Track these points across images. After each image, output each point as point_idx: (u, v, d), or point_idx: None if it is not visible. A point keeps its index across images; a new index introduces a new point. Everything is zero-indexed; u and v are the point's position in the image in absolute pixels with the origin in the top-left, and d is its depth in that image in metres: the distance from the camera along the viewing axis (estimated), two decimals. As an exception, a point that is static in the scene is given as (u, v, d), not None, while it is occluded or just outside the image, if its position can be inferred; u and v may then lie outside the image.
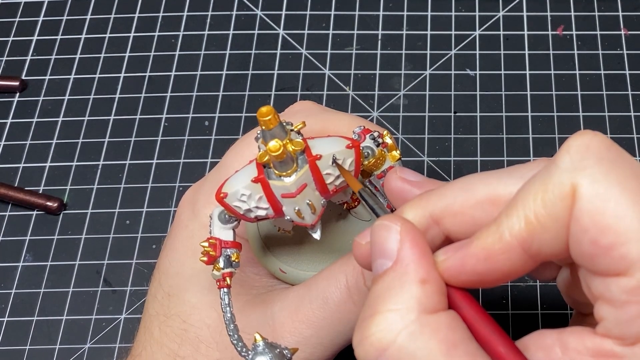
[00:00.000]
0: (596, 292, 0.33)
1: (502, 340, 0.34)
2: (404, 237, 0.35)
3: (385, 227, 0.35)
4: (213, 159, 0.64)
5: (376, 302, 0.34)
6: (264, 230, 0.47)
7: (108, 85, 0.68)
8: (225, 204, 0.40)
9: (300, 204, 0.40)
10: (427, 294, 0.34)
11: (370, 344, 0.33)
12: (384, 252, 0.35)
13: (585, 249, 0.32)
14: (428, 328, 0.33)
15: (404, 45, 0.69)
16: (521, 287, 0.60)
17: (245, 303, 0.46)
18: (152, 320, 0.48)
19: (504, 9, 0.71)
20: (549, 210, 0.33)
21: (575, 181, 0.32)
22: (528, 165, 0.37)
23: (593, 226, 0.32)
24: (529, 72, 0.68)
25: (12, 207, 0.63)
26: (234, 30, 0.70)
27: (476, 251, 0.34)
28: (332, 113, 0.51)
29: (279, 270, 0.46)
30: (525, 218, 0.33)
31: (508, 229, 0.33)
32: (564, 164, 0.33)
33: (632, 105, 0.65)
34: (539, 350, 0.35)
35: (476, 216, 0.36)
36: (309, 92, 0.67)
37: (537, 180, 0.34)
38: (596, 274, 0.33)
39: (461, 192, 0.37)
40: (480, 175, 0.38)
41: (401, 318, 0.33)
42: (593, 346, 0.33)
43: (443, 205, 0.37)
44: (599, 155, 0.33)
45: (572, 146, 0.34)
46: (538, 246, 0.33)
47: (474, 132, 0.65)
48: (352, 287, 0.44)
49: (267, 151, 0.38)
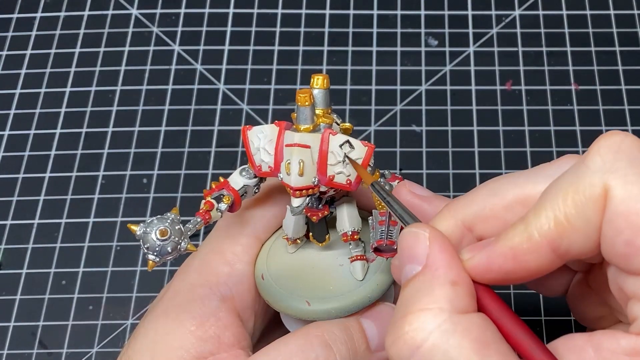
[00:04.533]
0: (629, 291, 0.39)
1: (533, 342, 0.40)
2: (433, 242, 0.41)
3: (414, 234, 0.42)
4: (152, 217, 0.74)
5: (408, 304, 0.40)
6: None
7: (43, 141, 0.79)
8: (246, 136, 0.51)
9: (293, 158, 0.50)
10: (458, 295, 0.40)
11: (404, 342, 0.39)
12: (413, 257, 0.41)
13: (619, 250, 0.38)
14: (460, 327, 0.38)
15: (348, 101, 0.80)
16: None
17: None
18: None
19: (450, 63, 0.82)
20: (579, 211, 0.38)
21: (607, 182, 0.38)
22: (555, 163, 0.44)
23: (627, 227, 0.37)
24: (476, 128, 0.78)
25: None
26: (173, 85, 0.81)
27: (503, 250, 0.41)
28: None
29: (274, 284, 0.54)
30: (555, 218, 0.39)
31: (537, 229, 0.39)
32: (595, 165, 0.39)
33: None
34: (570, 352, 0.40)
35: (507, 218, 0.43)
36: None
37: (566, 181, 0.40)
38: (630, 274, 0.39)
39: (489, 196, 0.44)
40: (507, 177, 0.45)
41: (434, 317, 0.39)
42: (628, 345, 0.39)
43: (473, 211, 0.44)
44: (630, 156, 0.39)
45: (602, 147, 0.39)
46: (567, 246, 0.39)
47: (420, 189, 0.76)
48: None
49: (297, 93, 0.49)
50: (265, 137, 0.51)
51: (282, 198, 0.56)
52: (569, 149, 0.78)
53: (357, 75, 0.83)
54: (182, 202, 0.76)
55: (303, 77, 0.82)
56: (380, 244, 0.50)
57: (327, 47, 0.85)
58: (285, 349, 0.50)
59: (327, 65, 0.83)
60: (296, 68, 0.83)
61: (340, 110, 0.80)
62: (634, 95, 0.81)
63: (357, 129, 0.79)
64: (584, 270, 0.48)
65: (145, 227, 0.48)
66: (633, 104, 0.80)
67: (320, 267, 0.55)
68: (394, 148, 0.79)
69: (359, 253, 0.54)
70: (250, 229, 0.55)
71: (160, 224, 0.47)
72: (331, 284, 0.54)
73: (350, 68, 0.83)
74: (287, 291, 0.53)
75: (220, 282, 0.53)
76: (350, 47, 0.85)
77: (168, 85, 0.82)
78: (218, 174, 0.76)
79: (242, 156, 0.78)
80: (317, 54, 0.84)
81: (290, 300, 0.53)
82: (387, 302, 0.55)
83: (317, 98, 0.51)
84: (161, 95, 0.82)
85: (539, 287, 0.51)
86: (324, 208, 0.53)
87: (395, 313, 0.41)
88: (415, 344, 0.39)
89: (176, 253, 0.48)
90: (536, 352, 0.40)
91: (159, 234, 0.47)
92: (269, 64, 0.84)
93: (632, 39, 0.84)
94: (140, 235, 0.47)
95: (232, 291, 0.53)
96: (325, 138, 0.50)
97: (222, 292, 0.53)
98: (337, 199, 0.55)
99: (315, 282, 0.54)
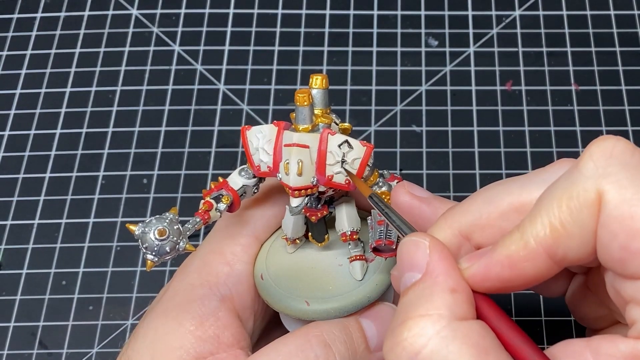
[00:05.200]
0: (627, 295, 0.39)
1: (532, 350, 0.40)
2: (433, 251, 0.41)
3: (414, 242, 0.42)
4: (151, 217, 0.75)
5: (407, 310, 0.40)
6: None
7: (44, 141, 0.79)
8: (245, 136, 0.52)
9: (292, 157, 0.50)
10: (457, 302, 0.40)
11: (403, 348, 0.39)
12: (412, 265, 0.42)
13: (615, 254, 0.38)
14: (460, 334, 0.39)
15: (348, 101, 0.81)
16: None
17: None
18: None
19: (450, 64, 0.82)
20: (574, 217, 0.38)
21: (600, 187, 0.38)
22: (549, 168, 0.44)
23: (622, 231, 0.37)
24: (476, 129, 0.79)
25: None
26: (173, 85, 0.82)
27: (500, 258, 0.41)
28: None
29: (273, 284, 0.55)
30: (550, 225, 0.39)
31: (533, 236, 0.40)
32: (588, 171, 0.39)
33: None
34: (568, 358, 0.40)
35: (504, 226, 0.43)
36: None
37: (560, 187, 0.40)
38: (627, 278, 0.39)
39: (485, 205, 0.44)
40: (501, 184, 0.45)
41: (433, 323, 0.39)
42: (627, 349, 0.39)
43: (469, 220, 0.44)
44: (623, 161, 0.39)
45: (594, 152, 0.40)
46: (564, 252, 0.39)
47: (421, 190, 0.76)
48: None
49: (296, 93, 0.50)
50: (264, 137, 0.52)
51: (281, 198, 0.56)
52: (569, 149, 0.78)
53: (357, 75, 0.83)
54: (182, 202, 0.76)
55: (303, 77, 0.83)
56: (379, 243, 0.50)
57: (327, 48, 0.85)
58: (284, 349, 0.50)
59: (327, 66, 0.84)
60: (296, 68, 0.84)
61: (340, 111, 0.81)
62: (634, 96, 0.81)
63: (357, 129, 0.79)
64: (582, 271, 0.48)
65: (143, 227, 0.48)
66: (633, 104, 0.80)
67: (320, 267, 0.56)
68: (394, 148, 0.79)
69: (358, 253, 0.54)
70: (249, 229, 0.56)
71: (159, 223, 0.48)
72: (330, 284, 0.54)
73: (350, 68, 0.84)
74: (286, 291, 0.54)
75: (220, 282, 0.53)
76: (350, 47, 0.85)
77: (168, 86, 0.83)
78: (218, 174, 0.76)
79: (242, 156, 0.78)
80: (317, 54, 0.84)
81: (289, 300, 0.53)
82: (387, 302, 0.55)
83: (316, 98, 0.52)
84: (161, 95, 0.82)
85: (539, 288, 0.51)
86: (322, 208, 0.54)
87: (394, 319, 0.41)
88: (414, 350, 0.39)
89: (175, 253, 0.48)
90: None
91: (158, 233, 0.47)
92: (269, 64, 0.84)
93: (632, 39, 0.84)
94: (138, 235, 0.48)
95: (232, 291, 0.53)
96: (324, 138, 0.50)
97: (221, 292, 0.53)
98: (336, 199, 0.55)
99: (315, 282, 0.54)
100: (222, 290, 0.53)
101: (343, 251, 0.55)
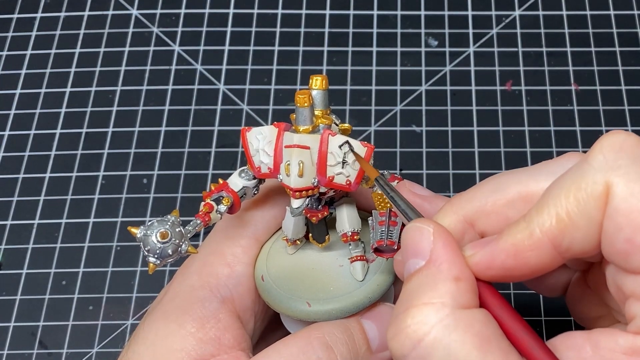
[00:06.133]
0: (628, 290, 0.40)
1: (533, 340, 0.40)
2: (437, 238, 0.42)
3: (418, 228, 0.43)
4: (152, 218, 0.71)
5: (410, 297, 0.41)
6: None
7: (44, 141, 0.79)
8: (245, 137, 0.52)
9: (293, 159, 0.50)
10: (460, 290, 0.40)
11: (406, 335, 0.39)
12: (417, 252, 0.42)
13: (619, 247, 0.38)
14: (462, 322, 0.39)
15: (348, 101, 0.81)
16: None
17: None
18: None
19: (450, 64, 0.82)
20: (581, 208, 0.39)
21: (609, 180, 0.38)
22: (558, 160, 0.45)
23: (628, 224, 0.38)
24: (476, 129, 0.79)
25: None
26: (173, 85, 0.82)
27: (505, 247, 0.41)
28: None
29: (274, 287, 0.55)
30: (557, 215, 0.39)
31: (539, 226, 0.40)
32: (597, 163, 0.39)
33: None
34: (568, 350, 0.41)
35: (509, 214, 0.43)
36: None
37: (569, 178, 0.40)
38: (629, 272, 0.39)
39: (492, 192, 0.44)
40: (509, 173, 0.45)
41: (436, 311, 0.39)
42: (626, 344, 0.39)
43: (475, 207, 0.45)
44: (632, 155, 0.39)
45: (604, 145, 0.40)
46: (569, 243, 0.40)
47: (420, 189, 0.76)
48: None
49: (296, 94, 0.50)
50: (265, 139, 0.51)
51: (281, 199, 0.56)
52: (569, 149, 0.78)
53: (357, 75, 0.83)
54: (182, 203, 0.76)
55: (303, 77, 0.83)
56: (380, 244, 0.50)
57: (327, 48, 0.85)
58: (285, 351, 0.50)
59: (327, 66, 0.84)
60: (296, 68, 0.84)
61: (340, 111, 0.81)
62: (634, 96, 0.81)
63: (357, 129, 0.79)
64: (582, 269, 0.48)
65: (145, 230, 0.48)
66: (633, 104, 0.81)
67: (320, 268, 0.56)
68: (394, 148, 0.79)
69: (359, 254, 0.54)
70: (249, 231, 0.56)
71: (161, 226, 0.47)
72: (331, 285, 0.54)
73: (350, 68, 0.84)
74: (287, 292, 0.54)
75: (220, 283, 0.53)
76: (350, 47, 0.85)
77: (168, 86, 0.83)
78: (218, 174, 0.76)
79: (242, 156, 0.78)
80: (317, 54, 0.84)
81: (290, 302, 0.53)
82: (388, 302, 0.55)
83: (316, 99, 0.52)
84: (161, 95, 0.82)
85: (539, 287, 0.51)
86: (323, 209, 0.54)
87: (397, 306, 0.42)
88: (416, 337, 0.39)
89: (177, 255, 0.48)
90: (536, 350, 0.40)
91: (160, 236, 0.47)
92: (269, 64, 0.84)
93: (632, 39, 0.84)
94: (140, 237, 0.47)
95: (232, 293, 0.53)
96: (324, 139, 0.50)
97: (222, 294, 0.53)
98: (336, 200, 0.55)
99: (316, 283, 0.54)
100: (223, 292, 0.53)
101: (344, 252, 0.55)
